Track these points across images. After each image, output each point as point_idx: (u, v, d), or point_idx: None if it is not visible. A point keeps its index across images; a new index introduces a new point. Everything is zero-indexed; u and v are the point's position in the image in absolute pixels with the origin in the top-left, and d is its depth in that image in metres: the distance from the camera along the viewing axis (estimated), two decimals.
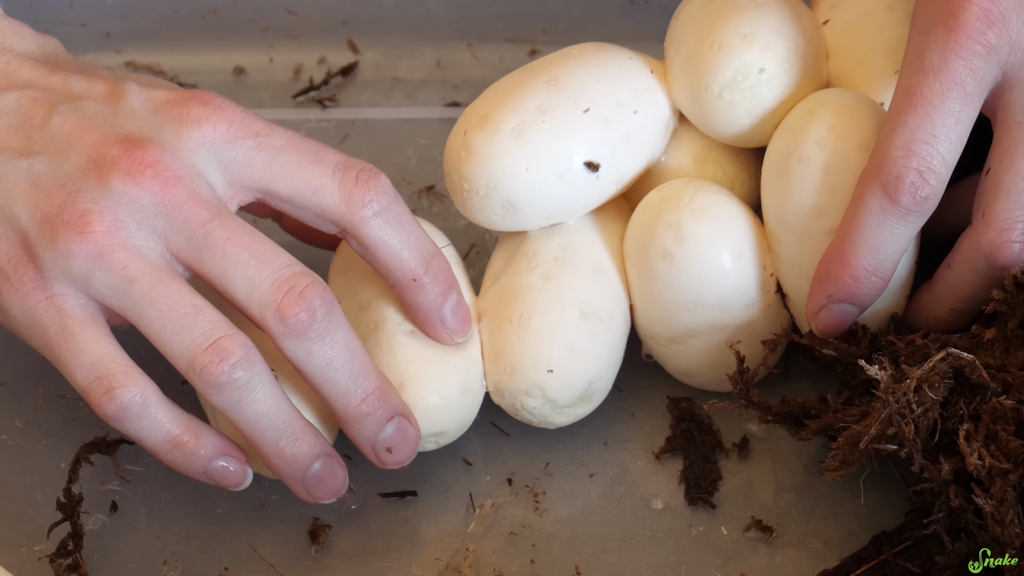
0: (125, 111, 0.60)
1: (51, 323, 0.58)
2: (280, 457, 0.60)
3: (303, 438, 0.60)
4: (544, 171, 0.64)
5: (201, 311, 0.57)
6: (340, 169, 0.61)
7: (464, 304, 0.64)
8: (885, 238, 0.59)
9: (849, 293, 0.60)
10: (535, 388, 0.64)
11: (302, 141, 0.61)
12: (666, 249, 0.64)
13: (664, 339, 0.66)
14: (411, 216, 0.62)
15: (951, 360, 0.56)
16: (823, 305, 0.61)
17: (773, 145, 0.65)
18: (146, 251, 0.58)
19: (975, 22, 0.57)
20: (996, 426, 0.55)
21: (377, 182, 0.61)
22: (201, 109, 0.60)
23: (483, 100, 0.66)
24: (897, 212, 0.58)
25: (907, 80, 0.58)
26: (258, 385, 0.58)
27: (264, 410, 0.58)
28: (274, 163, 0.60)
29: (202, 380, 0.57)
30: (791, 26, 0.65)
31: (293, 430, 0.60)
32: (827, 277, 0.61)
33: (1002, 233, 0.59)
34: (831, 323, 0.62)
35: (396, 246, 0.61)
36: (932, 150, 0.57)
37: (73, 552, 0.62)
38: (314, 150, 0.61)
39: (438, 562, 0.63)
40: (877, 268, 0.60)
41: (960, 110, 0.58)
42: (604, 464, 0.67)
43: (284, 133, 0.61)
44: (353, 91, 0.85)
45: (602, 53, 0.67)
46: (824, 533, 0.63)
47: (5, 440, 0.68)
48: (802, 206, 0.63)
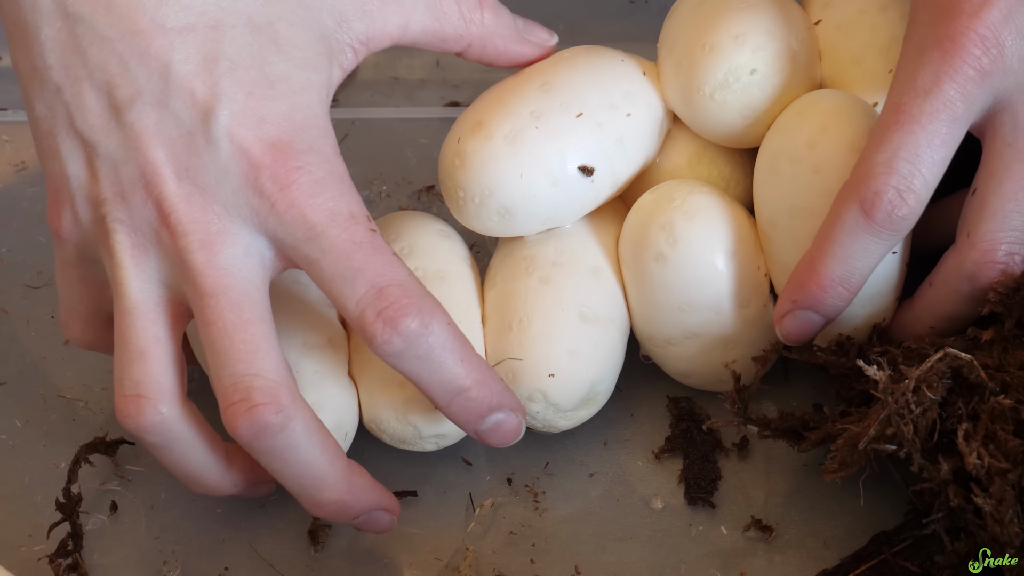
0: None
1: None
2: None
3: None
4: (538, 177, 0.64)
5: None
6: (367, 300, 0.56)
7: (507, 423, 0.60)
8: (856, 252, 0.59)
9: (814, 301, 0.60)
10: (537, 393, 0.64)
11: (349, 249, 0.56)
12: (659, 251, 0.64)
13: (660, 341, 0.66)
14: (442, 349, 0.57)
15: (949, 360, 0.57)
16: (788, 311, 0.61)
17: (765, 146, 0.65)
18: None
19: (971, 47, 0.57)
20: (995, 426, 0.55)
21: (401, 323, 0.56)
22: (272, 185, 0.57)
23: (476, 107, 0.66)
24: (871, 229, 0.58)
25: (896, 98, 0.58)
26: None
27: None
28: (311, 264, 0.57)
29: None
30: (783, 27, 0.65)
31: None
32: (796, 283, 0.61)
33: (986, 254, 0.59)
34: (795, 330, 0.62)
35: (418, 380, 0.58)
36: (914, 169, 0.57)
37: (73, 552, 0.62)
38: (354, 266, 0.56)
39: (438, 562, 0.63)
40: (845, 280, 0.59)
41: (947, 132, 0.57)
42: (604, 464, 0.67)
43: (336, 234, 0.56)
44: (353, 91, 0.85)
45: (594, 56, 0.67)
46: (824, 533, 0.63)
47: (5, 440, 0.68)
48: (792, 207, 0.63)
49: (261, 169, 0.56)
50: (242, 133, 0.56)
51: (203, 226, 0.56)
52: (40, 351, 0.72)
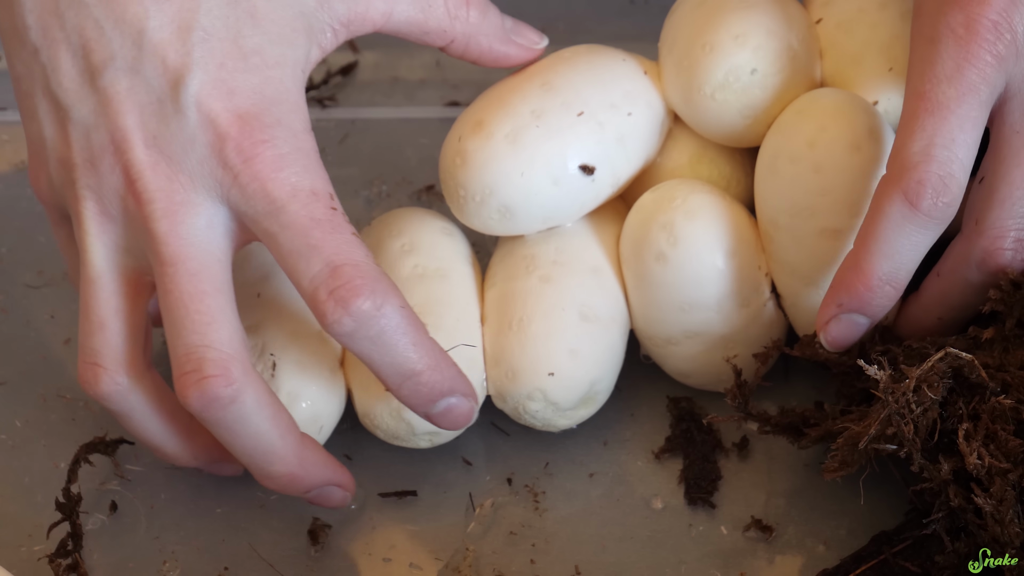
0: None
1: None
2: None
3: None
4: (539, 176, 0.64)
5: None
6: (320, 278, 0.56)
7: (458, 408, 0.60)
8: (903, 246, 0.58)
9: (861, 303, 0.60)
10: (537, 392, 0.64)
11: (307, 225, 0.56)
12: (660, 250, 0.64)
13: (660, 340, 0.66)
14: (393, 332, 0.57)
15: (950, 360, 0.56)
16: (834, 315, 0.61)
17: (766, 145, 0.65)
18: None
19: (986, 33, 0.57)
20: (995, 425, 0.55)
21: (352, 304, 0.56)
22: (237, 157, 0.57)
23: (477, 106, 0.66)
24: (918, 219, 0.57)
25: (919, 87, 0.58)
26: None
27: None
28: (270, 239, 0.57)
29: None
30: (783, 26, 0.65)
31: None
32: (841, 286, 0.60)
33: (995, 241, 0.59)
34: (840, 334, 0.61)
35: (369, 362, 0.58)
36: (951, 155, 0.57)
37: (73, 552, 0.62)
38: (310, 243, 0.56)
39: (438, 562, 0.63)
40: (891, 277, 0.59)
41: (976, 116, 0.57)
42: (604, 464, 0.67)
43: (295, 209, 0.56)
44: (353, 91, 0.85)
45: (595, 55, 0.67)
46: (824, 533, 0.63)
47: (5, 440, 0.68)
48: (793, 206, 0.63)
49: (227, 140, 0.56)
50: (210, 103, 0.56)
51: (167, 195, 0.57)
52: (40, 351, 0.72)
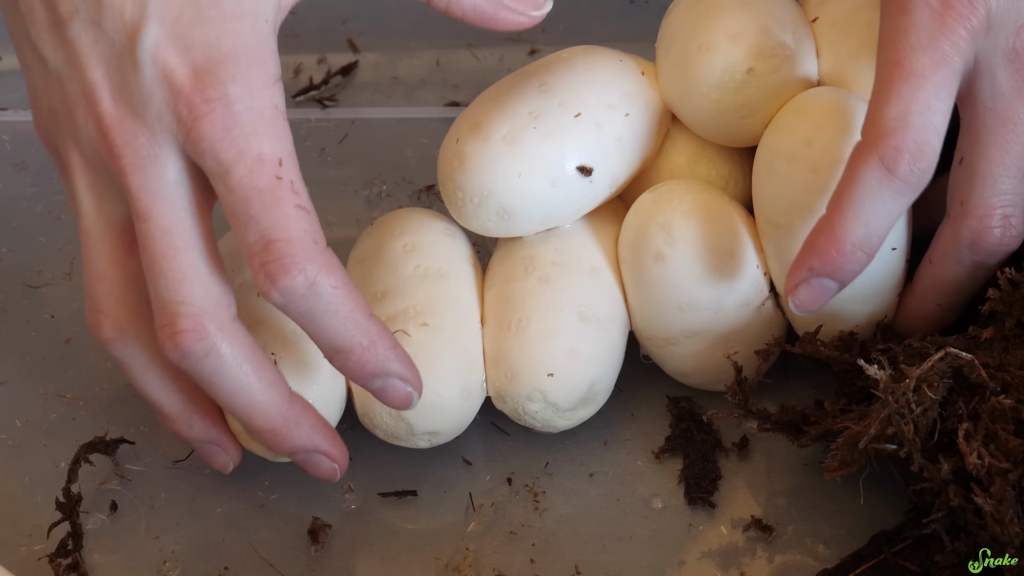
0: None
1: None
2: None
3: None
4: (537, 177, 0.64)
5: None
6: (255, 250, 0.56)
7: (392, 390, 0.60)
8: (877, 212, 0.58)
9: (833, 267, 0.59)
10: (536, 392, 0.64)
11: (249, 194, 0.56)
12: (658, 250, 0.64)
13: (659, 340, 0.66)
14: (323, 311, 0.57)
15: (950, 360, 0.56)
16: (803, 280, 0.60)
17: (763, 144, 0.65)
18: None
19: (961, 7, 0.57)
20: (995, 425, 0.55)
21: (280, 281, 0.55)
22: (188, 114, 0.56)
23: (474, 107, 0.66)
24: (894, 185, 0.57)
25: (893, 55, 0.58)
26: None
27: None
28: (220, 199, 0.57)
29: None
30: (779, 25, 0.65)
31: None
32: (812, 250, 0.60)
33: (982, 220, 0.60)
34: (809, 299, 0.60)
35: (304, 331, 0.58)
36: (927, 121, 0.57)
37: (73, 552, 0.62)
38: (250, 212, 0.56)
39: (438, 562, 0.63)
40: (864, 243, 0.59)
41: (950, 85, 0.57)
42: (604, 464, 0.67)
43: (240, 175, 0.56)
44: (353, 91, 0.85)
45: (592, 56, 0.67)
46: (824, 533, 0.63)
47: (5, 440, 0.68)
48: (791, 205, 0.63)
49: (180, 95, 0.55)
50: (166, 57, 0.55)
51: (134, 149, 0.56)
52: (40, 351, 0.72)
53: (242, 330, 0.58)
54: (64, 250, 0.76)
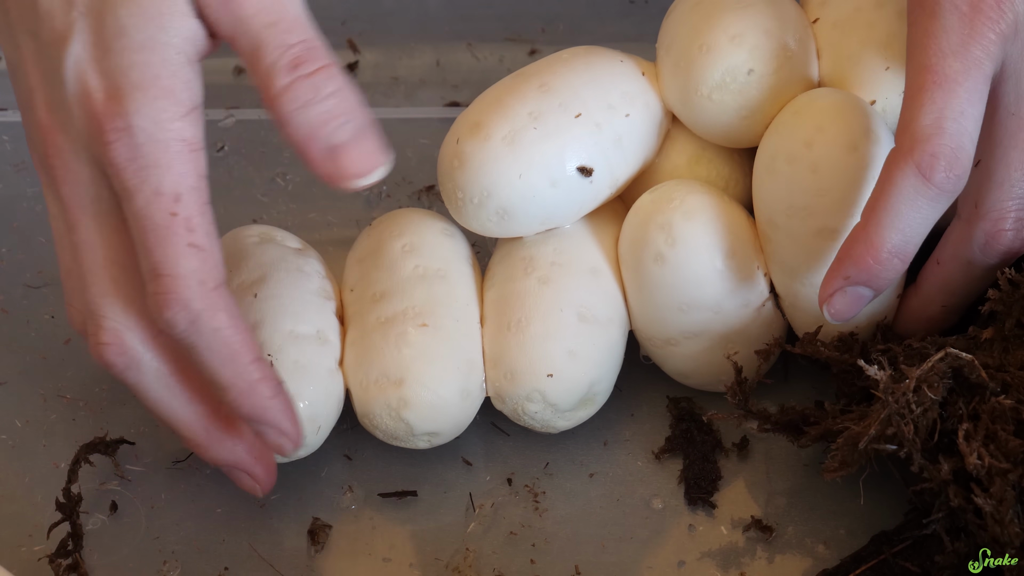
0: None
1: None
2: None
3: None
4: (537, 178, 0.64)
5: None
6: (146, 278, 0.56)
7: (269, 437, 0.60)
8: (913, 219, 0.58)
9: (869, 275, 0.59)
10: (535, 393, 0.64)
11: (144, 226, 0.56)
12: (658, 251, 0.64)
13: (659, 341, 0.66)
14: (204, 350, 0.57)
15: (950, 360, 0.56)
16: (839, 288, 0.60)
17: (763, 146, 0.65)
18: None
19: (990, 11, 0.57)
20: (995, 426, 0.55)
21: (163, 314, 0.56)
22: (99, 139, 0.56)
23: (475, 108, 0.66)
24: (930, 192, 0.57)
25: (924, 60, 0.58)
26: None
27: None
28: (127, 221, 0.57)
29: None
30: (780, 26, 0.65)
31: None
32: (848, 259, 0.60)
33: (997, 223, 0.60)
34: (845, 306, 0.60)
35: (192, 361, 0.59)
36: (962, 128, 0.57)
37: (73, 552, 0.62)
38: (145, 244, 0.56)
39: (438, 562, 0.63)
40: (900, 250, 0.59)
41: (981, 90, 0.57)
42: (604, 464, 0.67)
43: (139, 206, 0.56)
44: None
45: (593, 57, 0.67)
46: (824, 533, 0.63)
47: (5, 440, 0.68)
48: (790, 206, 0.63)
49: (95, 118, 0.56)
50: (87, 77, 0.56)
51: (63, 160, 0.57)
52: (40, 351, 0.72)
53: (170, 343, 0.59)
54: None
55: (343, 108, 0.56)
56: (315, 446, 0.65)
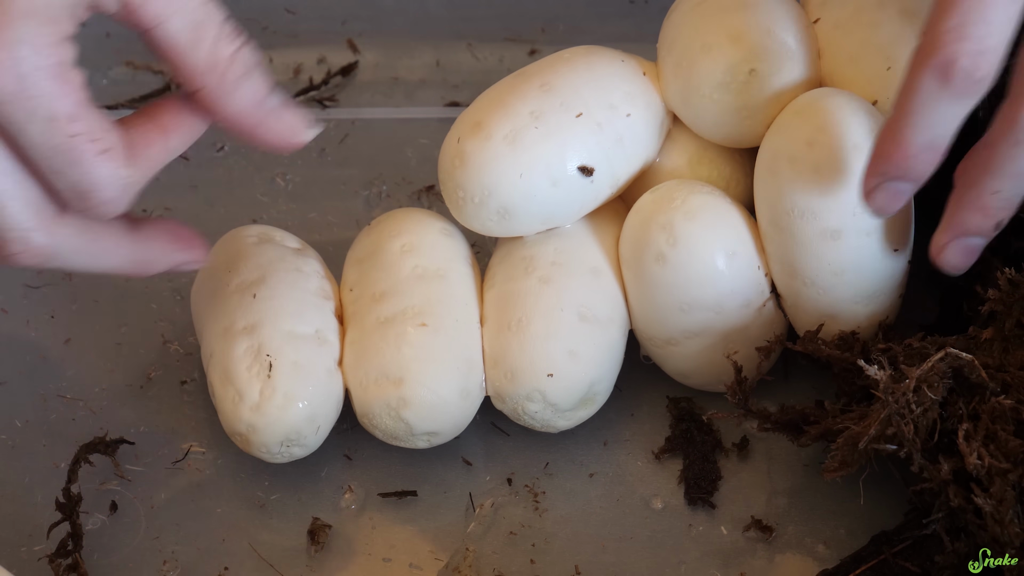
0: None
1: None
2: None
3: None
4: (538, 177, 0.64)
5: None
6: (69, 198, 0.56)
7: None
8: (938, 118, 0.57)
9: (903, 170, 0.58)
10: (536, 393, 0.64)
11: (49, 153, 0.56)
12: (659, 251, 0.64)
13: (660, 341, 0.66)
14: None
15: (950, 360, 0.57)
16: (876, 184, 0.59)
17: (765, 146, 0.65)
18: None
19: None
20: (995, 426, 0.55)
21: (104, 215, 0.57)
22: None
23: (476, 107, 0.66)
24: (951, 94, 0.56)
25: None
26: None
27: None
28: (25, 153, 0.57)
29: None
30: (781, 26, 0.65)
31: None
32: (881, 157, 0.58)
33: None
34: (885, 201, 0.59)
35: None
36: (986, 32, 0.55)
37: (73, 552, 0.62)
38: (54, 168, 0.56)
39: (438, 562, 0.63)
40: (930, 145, 0.58)
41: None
42: (604, 464, 0.67)
43: (35, 131, 0.55)
44: (353, 91, 0.85)
45: (594, 57, 0.67)
46: (824, 533, 0.63)
47: (5, 440, 0.68)
48: (793, 206, 0.63)
49: None
50: None
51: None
52: (40, 351, 0.72)
53: (72, 220, 0.58)
54: None
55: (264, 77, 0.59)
56: (315, 446, 0.65)
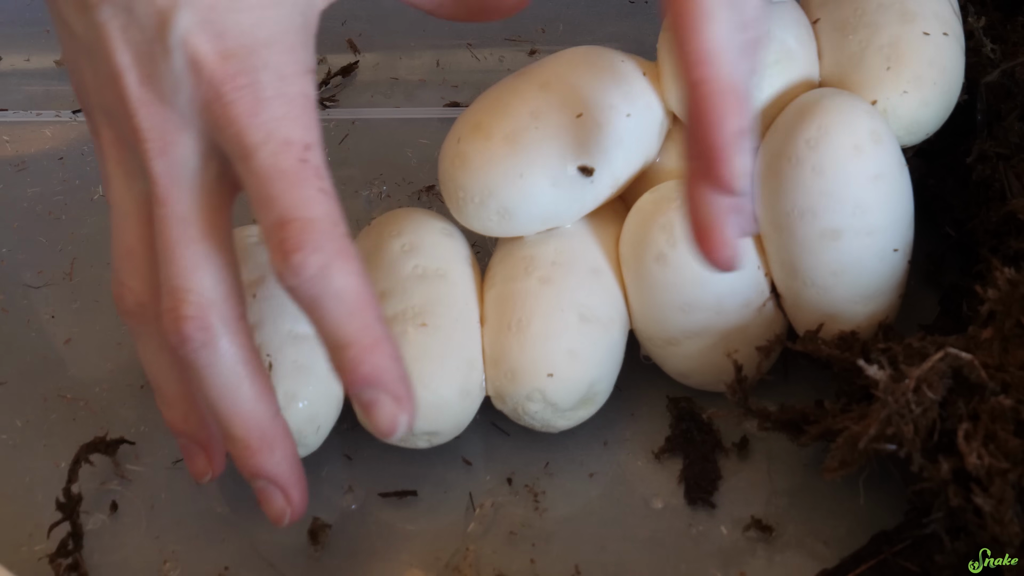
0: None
1: None
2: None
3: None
4: (538, 177, 0.64)
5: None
6: (271, 231, 0.55)
7: (379, 406, 0.56)
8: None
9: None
10: (536, 392, 0.64)
11: (271, 175, 0.55)
12: (660, 251, 0.64)
13: (660, 341, 0.66)
14: (331, 297, 0.55)
15: (950, 360, 0.57)
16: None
17: (765, 146, 0.65)
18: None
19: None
20: (995, 425, 0.55)
21: (291, 258, 0.54)
22: (217, 100, 0.55)
23: (476, 107, 0.66)
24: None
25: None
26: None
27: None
28: (244, 185, 0.56)
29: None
30: (781, 27, 0.65)
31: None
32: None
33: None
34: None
35: (311, 321, 0.56)
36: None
37: (73, 552, 0.62)
38: (271, 193, 0.55)
39: (438, 562, 0.63)
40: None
41: None
42: (604, 464, 0.67)
43: (263, 157, 0.54)
44: (353, 91, 0.85)
45: (594, 57, 0.67)
46: (824, 533, 0.63)
47: (5, 440, 0.68)
48: (793, 207, 0.63)
49: (211, 82, 0.55)
50: (197, 44, 0.55)
51: (160, 134, 0.56)
52: (40, 351, 0.72)
53: (246, 331, 0.58)
54: (64, 250, 0.76)
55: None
56: (315, 446, 0.65)
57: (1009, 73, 0.68)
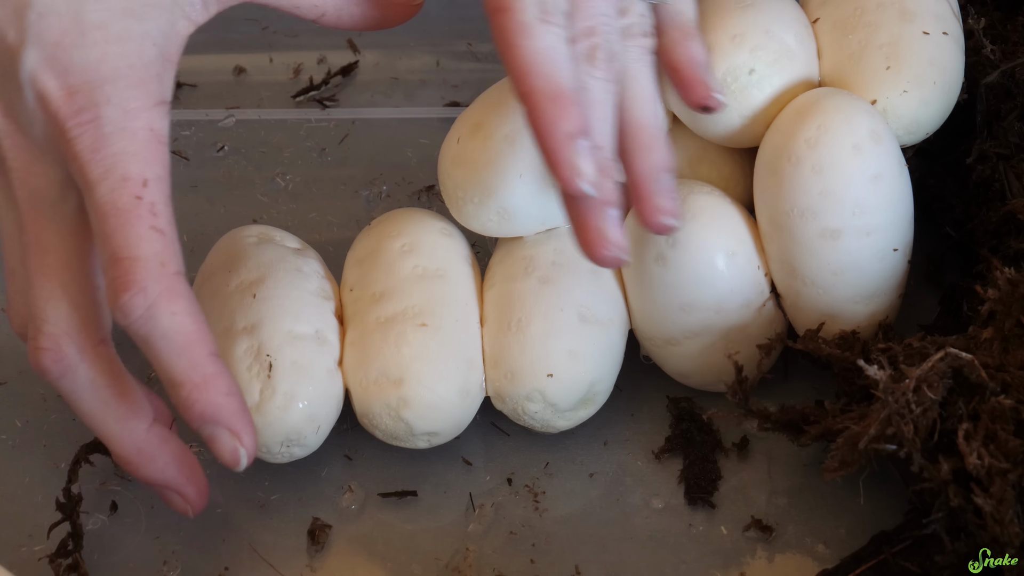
0: None
1: None
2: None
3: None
4: (538, 177, 0.64)
5: None
6: (105, 267, 0.55)
7: (219, 442, 0.57)
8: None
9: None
10: (536, 393, 0.64)
11: (108, 212, 0.55)
12: (660, 251, 0.64)
13: (660, 341, 0.66)
14: (159, 338, 0.55)
15: (950, 360, 0.56)
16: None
17: (764, 145, 0.65)
18: None
19: None
20: (995, 426, 0.55)
21: (120, 298, 0.55)
22: (62, 136, 0.56)
23: (475, 108, 0.66)
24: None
25: None
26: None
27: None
28: (90, 218, 0.57)
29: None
30: (781, 26, 0.65)
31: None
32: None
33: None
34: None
35: (147, 358, 0.57)
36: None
37: (73, 552, 0.62)
38: (105, 230, 0.55)
39: (438, 562, 0.63)
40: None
41: None
42: (604, 464, 0.67)
43: (102, 193, 0.55)
44: (353, 91, 0.85)
45: None
46: (824, 533, 0.63)
47: (5, 440, 0.68)
48: (792, 206, 0.63)
49: (56, 119, 0.56)
50: (43, 81, 0.56)
51: (23, 163, 0.57)
52: None
53: (109, 355, 0.59)
54: None
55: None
56: (315, 446, 0.65)
57: (1009, 73, 0.68)
